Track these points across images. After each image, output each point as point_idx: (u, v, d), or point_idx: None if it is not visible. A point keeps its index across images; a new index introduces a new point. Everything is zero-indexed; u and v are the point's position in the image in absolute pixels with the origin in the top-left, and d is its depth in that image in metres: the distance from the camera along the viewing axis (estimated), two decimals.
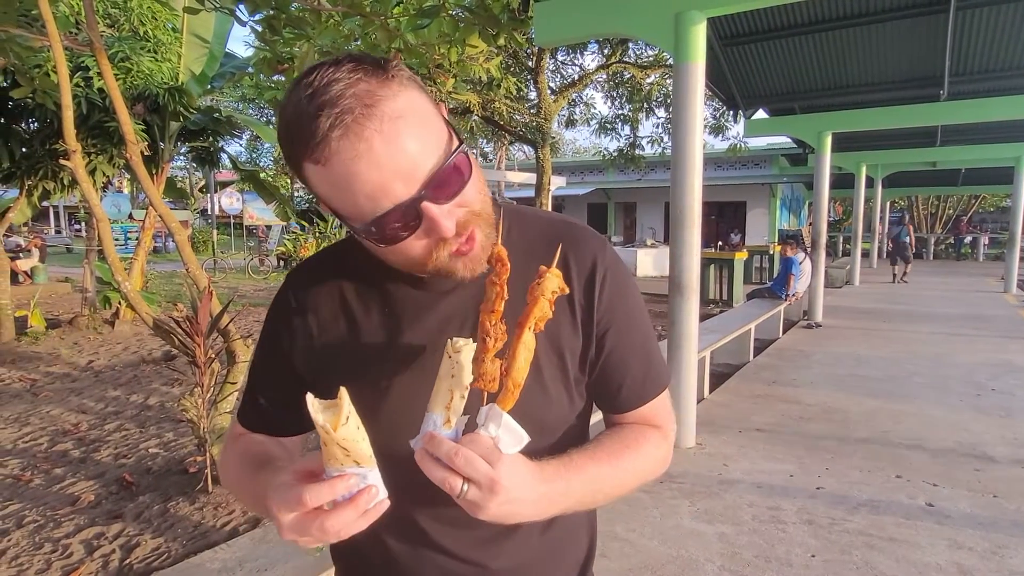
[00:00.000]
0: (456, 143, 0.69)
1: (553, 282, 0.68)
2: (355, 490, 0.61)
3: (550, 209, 12.94)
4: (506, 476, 0.62)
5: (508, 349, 0.67)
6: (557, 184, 15.42)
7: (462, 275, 0.73)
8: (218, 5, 3.43)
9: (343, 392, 0.59)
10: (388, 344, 0.80)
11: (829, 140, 8.62)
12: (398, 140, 0.63)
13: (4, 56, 3.43)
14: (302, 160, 0.66)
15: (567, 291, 0.68)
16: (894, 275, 14.29)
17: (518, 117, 12.88)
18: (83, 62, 6.13)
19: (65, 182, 7.19)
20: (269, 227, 22.14)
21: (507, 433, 0.65)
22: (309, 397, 0.58)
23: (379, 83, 0.64)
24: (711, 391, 5.18)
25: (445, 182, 0.67)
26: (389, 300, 0.81)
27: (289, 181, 29.21)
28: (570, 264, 0.81)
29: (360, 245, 0.81)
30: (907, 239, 14.48)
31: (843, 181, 15.73)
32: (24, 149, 6.67)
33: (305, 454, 0.75)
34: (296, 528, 0.62)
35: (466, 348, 0.66)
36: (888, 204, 24.22)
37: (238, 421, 0.90)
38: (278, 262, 17.77)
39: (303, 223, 16.76)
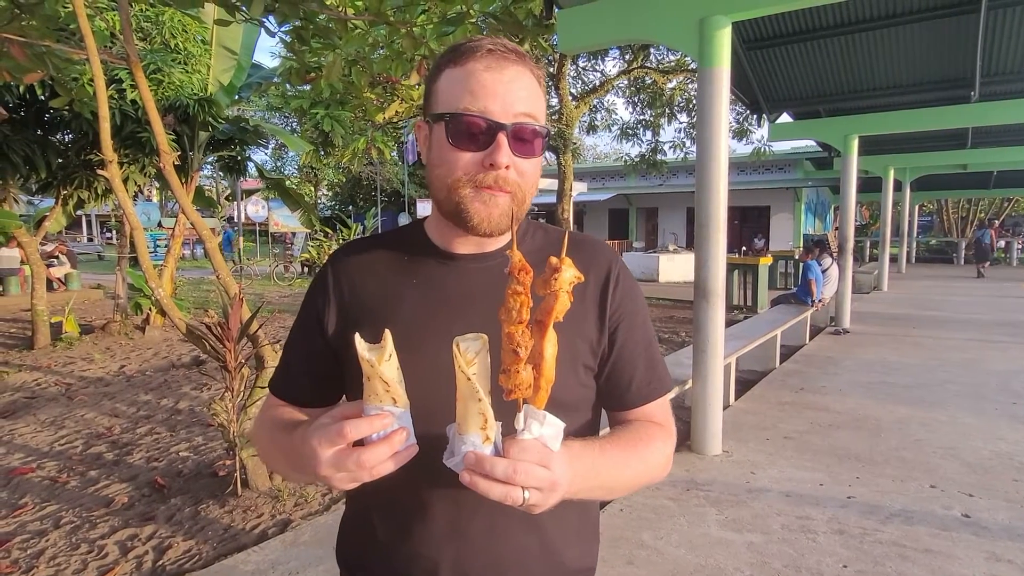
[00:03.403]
0: (546, 136, 0.84)
1: (569, 273, 0.67)
2: (390, 430, 0.66)
3: (571, 214, 12.94)
4: (561, 473, 0.67)
5: (534, 349, 0.67)
6: (578, 190, 15.43)
7: (482, 216, 0.81)
8: (248, 17, 3.50)
9: (387, 334, 0.67)
10: (413, 308, 0.86)
11: (856, 143, 8.50)
12: (519, 84, 0.80)
13: (43, 68, 3.54)
14: (444, 67, 0.82)
15: (583, 279, 0.69)
16: (979, 271, 16.53)
17: None
18: (117, 74, 6.30)
19: (99, 191, 7.39)
20: (295, 234, 22.45)
21: (549, 428, 0.67)
22: (356, 337, 0.66)
23: (531, 59, 0.84)
24: (737, 398, 5.12)
25: (524, 137, 0.80)
26: (418, 272, 0.89)
27: (313, 189, 29.65)
28: (589, 265, 0.86)
29: (394, 233, 0.97)
30: (988, 241, 17.20)
31: (870, 185, 15.48)
32: (60, 160, 6.87)
33: None
34: (334, 462, 0.67)
35: (477, 361, 0.66)
36: (917, 208, 23.74)
37: (270, 391, 0.98)
38: (302, 268, 18.00)
39: (327, 230, 16.99)
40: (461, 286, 0.87)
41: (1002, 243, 23.26)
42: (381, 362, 0.65)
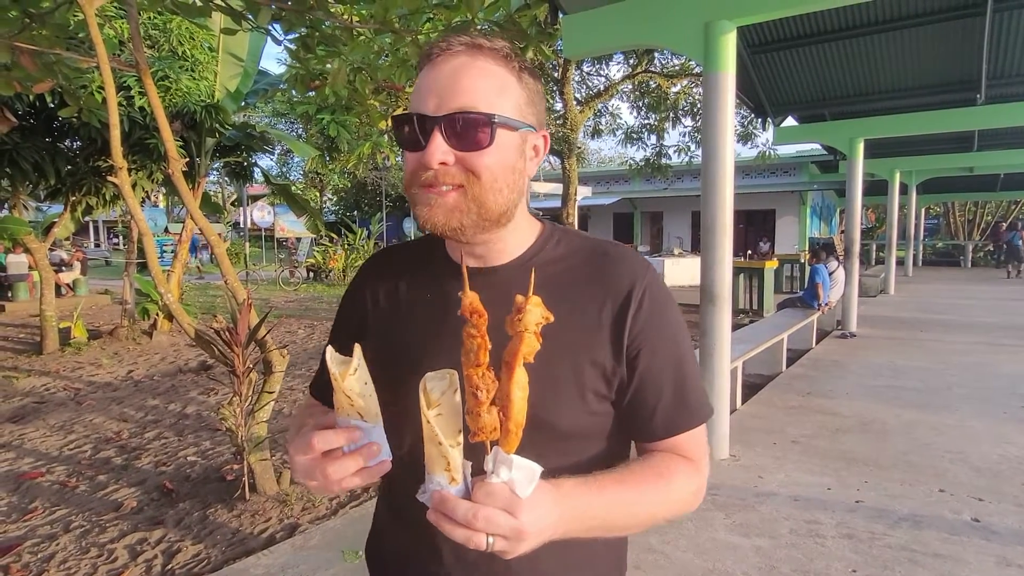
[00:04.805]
0: (500, 121, 0.76)
1: (535, 314, 0.64)
2: (359, 444, 0.66)
3: (575, 218, 12.95)
4: (530, 521, 0.62)
5: (500, 392, 0.64)
6: (583, 194, 15.44)
7: (424, 218, 0.78)
8: (254, 25, 3.53)
9: (357, 348, 0.65)
10: (421, 325, 0.86)
11: (861, 146, 8.48)
12: (461, 75, 0.75)
13: (53, 77, 3.58)
14: (420, 68, 0.80)
15: (551, 319, 0.65)
16: (1008, 272, 16.83)
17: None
18: (125, 82, 6.36)
19: (107, 197, 7.44)
20: (299, 239, 22.53)
21: (519, 472, 0.63)
22: (328, 349, 0.65)
23: (492, 49, 0.78)
24: (743, 402, 5.10)
25: (461, 128, 0.74)
26: (431, 286, 0.87)
27: (318, 194, 29.75)
28: (608, 282, 0.82)
29: (421, 242, 0.94)
30: (1020, 243, 17.23)
31: (876, 188, 15.42)
32: (68, 166, 6.93)
33: None
34: (305, 470, 0.69)
35: (443, 401, 0.64)
36: (923, 210, 23.64)
37: (309, 390, 1.01)
38: (308, 274, 18.06)
39: (332, 235, 17.05)
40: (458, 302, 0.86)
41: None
42: (345, 376, 0.63)
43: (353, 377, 0.64)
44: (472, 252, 0.84)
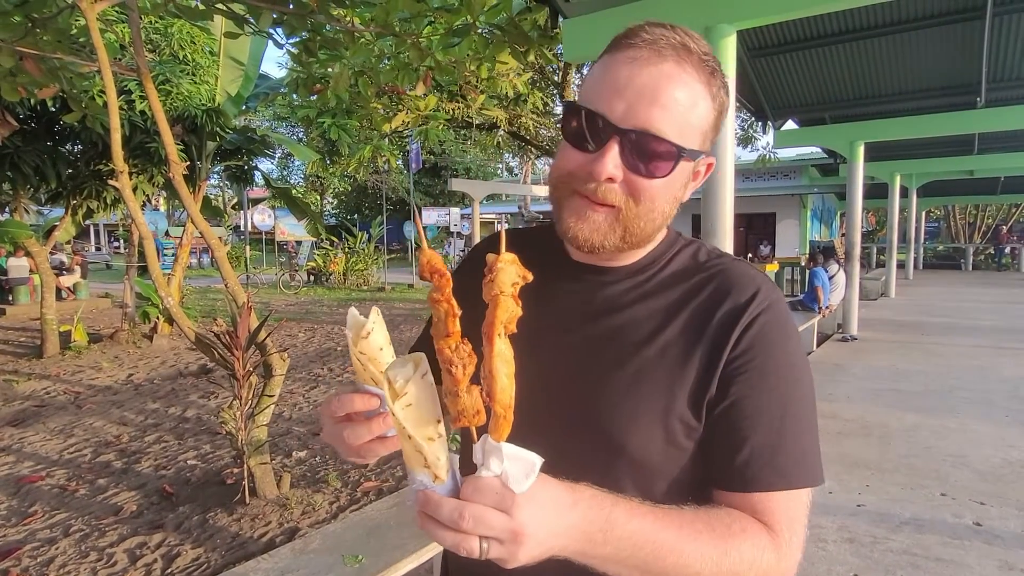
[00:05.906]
0: (687, 155, 0.70)
1: (510, 271, 0.56)
2: (376, 411, 0.62)
3: None
4: (529, 521, 0.53)
5: (483, 369, 0.55)
6: None
7: (567, 228, 0.72)
8: (256, 29, 3.54)
9: (375, 311, 0.60)
10: (525, 321, 0.73)
11: (862, 150, 8.49)
12: (662, 88, 0.68)
13: (57, 82, 3.58)
14: (606, 52, 0.73)
15: (530, 278, 0.57)
16: None
17: (544, 132, 12.96)
18: (126, 86, 6.37)
19: (108, 201, 7.45)
20: (299, 243, 22.54)
21: (513, 464, 0.54)
22: (351, 309, 0.61)
23: (700, 59, 0.70)
24: None
25: (643, 150, 0.68)
26: (541, 275, 0.69)
27: (319, 197, 29.79)
28: (721, 297, 0.74)
29: (543, 230, 0.85)
30: None
31: (876, 191, 15.43)
32: (69, 170, 6.94)
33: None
34: (329, 432, 0.66)
35: (410, 388, 0.56)
36: (923, 214, 23.65)
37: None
38: (308, 277, 18.06)
39: (333, 238, 17.05)
40: (564, 298, 0.79)
41: (1009, 248, 23.11)
42: (357, 340, 0.59)
43: (365, 341, 0.59)
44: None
